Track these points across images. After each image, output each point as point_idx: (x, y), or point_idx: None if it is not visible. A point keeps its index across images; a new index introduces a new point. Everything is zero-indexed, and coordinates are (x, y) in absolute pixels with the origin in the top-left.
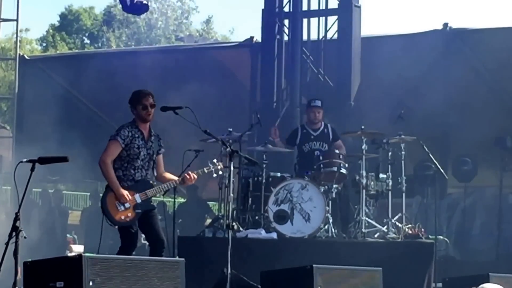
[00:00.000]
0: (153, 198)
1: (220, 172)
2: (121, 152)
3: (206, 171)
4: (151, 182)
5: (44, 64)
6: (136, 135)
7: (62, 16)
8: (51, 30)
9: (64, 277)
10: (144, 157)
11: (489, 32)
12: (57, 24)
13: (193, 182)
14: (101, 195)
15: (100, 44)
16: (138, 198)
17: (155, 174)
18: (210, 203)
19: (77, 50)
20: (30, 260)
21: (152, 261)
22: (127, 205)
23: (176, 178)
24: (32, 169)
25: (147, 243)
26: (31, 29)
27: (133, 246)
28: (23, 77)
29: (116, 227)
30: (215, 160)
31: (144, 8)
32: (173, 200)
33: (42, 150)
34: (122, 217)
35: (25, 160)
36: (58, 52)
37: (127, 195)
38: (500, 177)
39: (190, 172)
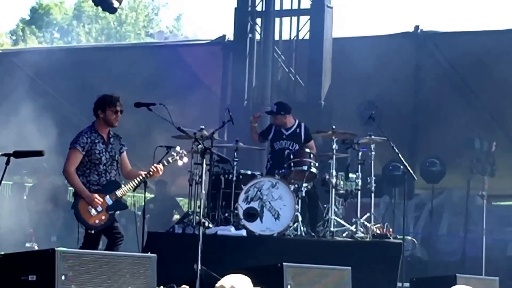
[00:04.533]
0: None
1: (185, 160)
2: (82, 158)
3: (171, 160)
4: (119, 182)
5: (15, 57)
6: (96, 140)
7: (33, 10)
8: (21, 24)
9: (36, 271)
10: (107, 161)
11: (459, 35)
12: (27, 18)
13: (160, 174)
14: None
15: (70, 39)
16: (108, 200)
17: (121, 174)
18: (178, 199)
19: (47, 45)
20: (2, 253)
21: (124, 257)
22: (99, 208)
23: (143, 172)
24: (7, 163)
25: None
26: (0, 23)
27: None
28: None
29: (93, 231)
30: (177, 148)
31: (112, 10)
32: (142, 195)
33: (12, 143)
34: (97, 221)
35: (0, 153)
36: (28, 46)
37: (97, 198)
38: (467, 179)
39: (155, 165)
